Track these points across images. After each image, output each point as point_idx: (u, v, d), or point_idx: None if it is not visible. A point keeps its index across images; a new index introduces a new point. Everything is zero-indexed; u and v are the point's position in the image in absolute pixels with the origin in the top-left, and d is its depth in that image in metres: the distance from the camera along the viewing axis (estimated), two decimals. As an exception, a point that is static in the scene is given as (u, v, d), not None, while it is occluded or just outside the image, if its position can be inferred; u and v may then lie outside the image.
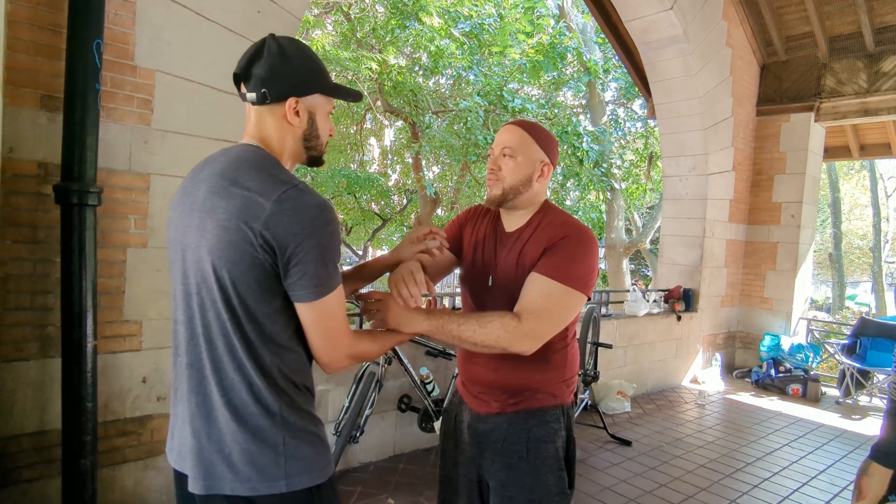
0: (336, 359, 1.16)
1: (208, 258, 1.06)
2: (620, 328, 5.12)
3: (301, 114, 1.17)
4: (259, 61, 1.13)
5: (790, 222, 6.45)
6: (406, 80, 9.12)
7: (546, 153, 1.49)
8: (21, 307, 2.16)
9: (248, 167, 1.09)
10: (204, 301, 1.09)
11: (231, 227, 1.03)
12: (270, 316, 1.08)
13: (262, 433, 1.08)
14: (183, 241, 1.12)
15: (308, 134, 1.20)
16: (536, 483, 1.42)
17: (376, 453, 3.46)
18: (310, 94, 1.17)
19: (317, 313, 1.09)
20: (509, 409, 1.46)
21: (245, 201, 1.03)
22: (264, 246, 1.02)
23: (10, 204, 2.10)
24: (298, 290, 1.06)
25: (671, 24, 5.35)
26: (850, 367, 5.54)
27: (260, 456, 1.08)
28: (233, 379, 1.08)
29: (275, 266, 1.05)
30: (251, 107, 1.16)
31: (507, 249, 1.49)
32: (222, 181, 1.08)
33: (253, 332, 1.07)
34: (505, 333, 1.31)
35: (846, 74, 6.10)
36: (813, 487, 3.48)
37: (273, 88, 1.13)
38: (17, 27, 2.09)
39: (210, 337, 1.09)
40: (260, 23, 2.78)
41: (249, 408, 1.08)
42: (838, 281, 17.82)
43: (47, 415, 2.23)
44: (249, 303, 1.06)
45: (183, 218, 1.12)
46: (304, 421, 1.13)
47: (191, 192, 1.13)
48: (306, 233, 1.03)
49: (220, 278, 1.05)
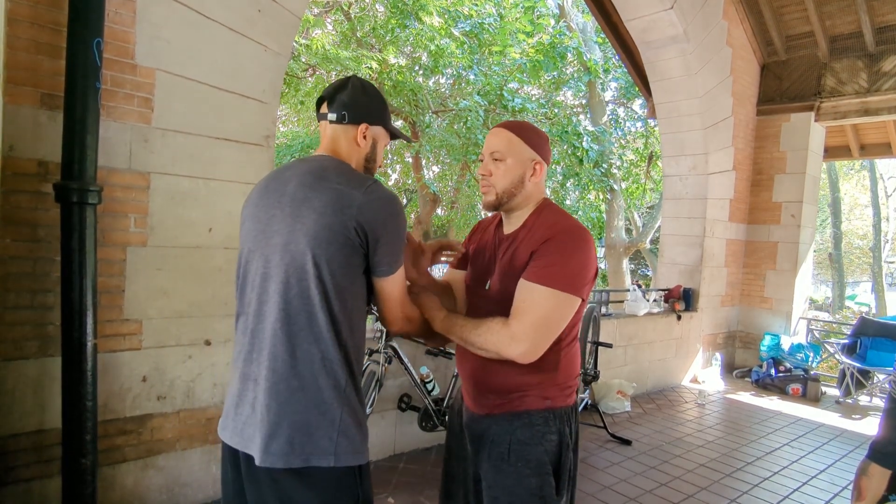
0: (398, 317, 1.37)
1: (304, 240, 1.21)
2: (620, 327, 5.12)
3: (367, 138, 1.40)
4: (344, 91, 1.38)
5: (790, 222, 6.44)
6: (406, 80, 9.11)
7: (537, 151, 1.48)
8: (21, 306, 2.16)
9: (333, 168, 1.31)
10: (289, 280, 1.22)
11: (328, 213, 1.20)
12: (353, 292, 1.25)
13: (324, 405, 1.20)
14: (267, 231, 1.28)
15: (369, 156, 1.43)
16: (518, 486, 1.40)
17: (376, 452, 3.45)
18: (377, 124, 1.42)
19: (392, 285, 1.31)
20: (496, 412, 1.46)
21: (338, 193, 1.23)
22: (357, 229, 1.21)
23: (9, 202, 2.10)
24: (383, 266, 1.27)
25: (671, 23, 5.34)
26: (850, 366, 5.54)
27: (317, 428, 1.19)
28: (307, 351, 1.20)
29: (363, 246, 1.23)
30: (328, 125, 1.39)
31: (503, 253, 1.49)
32: (312, 178, 1.27)
33: (339, 306, 1.22)
34: (493, 336, 1.36)
35: (846, 74, 6.10)
36: (813, 487, 3.47)
37: (352, 113, 1.37)
38: (17, 25, 2.09)
39: (289, 313, 1.21)
40: (260, 21, 2.78)
41: (319, 380, 1.20)
42: (838, 281, 17.82)
43: (47, 414, 2.23)
44: (339, 279, 1.21)
45: (268, 210, 1.29)
46: (358, 399, 1.26)
47: (276, 189, 1.31)
48: (389, 220, 1.25)
49: (316, 256, 1.20)
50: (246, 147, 2.77)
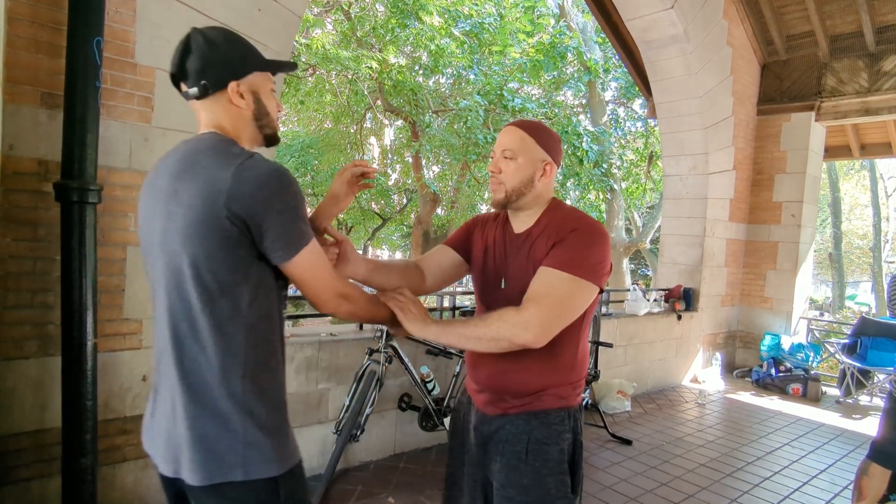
0: (327, 298, 1.20)
1: (178, 239, 1.08)
2: (621, 327, 5.12)
3: (245, 95, 1.20)
4: (190, 56, 1.16)
5: (790, 222, 6.44)
6: (406, 80, 9.12)
7: (548, 152, 1.48)
8: (21, 305, 2.15)
9: (206, 148, 1.14)
10: (170, 285, 1.11)
11: (196, 205, 1.06)
12: (245, 288, 1.10)
13: (223, 417, 1.09)
14: (151, 229, 1.15)
15: (257, 113, 1.23)
16: (535, 485, 1.40)
17: (377, 452, 3.45)
18: (246, 74, 1.20)
19: (300, 268, 1.14)
20: (512, 411, 1.45)
21: (206, 178, 1.07)
22: (231, 217, 1.05)
23: (9, 201, 2.10)
24: (276, 251, 1.11)
25: (672, 22, 5.34)
26: (850, 366, 5.54)
27: (218, 442, 1.09)
28: (195, 360, 1.10)
29: (245, 235, 1.08)
30: (197, 102, 1.19)
31: (517, 251, 1.48)
32: (184, 165, 1.12)
33: (226, 306, 1.09)
34: (504, 324, 1.30)
35: (847, 74, 6.09)
36: (813, 487, 3.47)
37: (211, 78, 1.16)
38: (17, 24, 2.08)
39: (175, 320, 1.11)
40: (260, 20, 2.78)
41: (213, 391, 1.09)
42: (838, 281, 17.82)
43: (47, 413, 2.23)
44: (224, 276, 1.08)
45: (149, 207, 1.16)
46: (267, 408, 1.14)
47: (154, 182, 1.17)
48: (271, 198, 1.08)
49: (192, 256, 1.07)
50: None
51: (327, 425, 3.19)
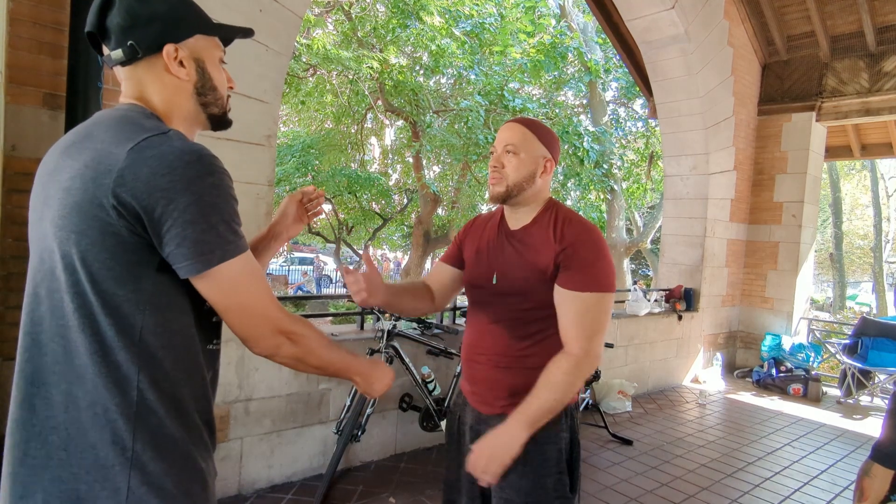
0: (260, 334, 0.90)
1: (51, 231, 0.84)
2: (621, 327, 5.12)
3: (186, 63, 0.94)
4: (112, 9, 0.90)
5: (791, 222, 6.44)
6: (407, 80, 9.12)
7: (548, 149, 1.49)
8: (22, 305, 2.15)
9: (109, 120, 0.88)
10: (37, 292, 0.86)
11: (75, 188, 0.81)
12: (139, 305, 0.83)
13: (103, 470, 0.82)
14: (31, 221, 0.91)
15: (201, 87, 0.97)
16: (534, 486, 1.41)
17: (378, 452, 3.45)
18: (188, 36, 0.95)
19: (217, 287, 0.85)
20: (509, 411, 1.44)
21: (94, 155, 0.82)
22: (118, 207, 0.79)
23: (11, 202, 2.11)
24: (182, 262, 0.83)
25: (672, 23, 5.34)
26: (851, 366, 5.54)
27: (90, 501, 0.81)
28: (67, 393, 0.82)
29: (136, 234, 0.82)
30: (122, 69, 0.93)
31: (514, 246, 1.49)
32: (75, 138, 0.88)
33: (111, 329, 0.82)
34: (572, 377, 1.36)
35: (848, 74, 6.09)
36: (814, 487, 3.47)
37: (140, 37, 0.90)
38: (19, 25, 2.09)
39: (39, 339, 0.85)
40: (262, 21, 2.78)
41: (89, 434, 0.82)
42: (839, 281, 17.81)
43: (49, 413, 2.22)
44: (106, 286, 0.82)
45: (33, 196, 0.92)
46: (166, 464, 0.85)
47: (43, 164, 0.92)
48: (178, 187, 0.80)
49: (66, 255, 0.82)
50: (248, 147, 2.77)
51: (328, 425, 3.19)
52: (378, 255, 21.79)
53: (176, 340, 0.88)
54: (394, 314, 3.33)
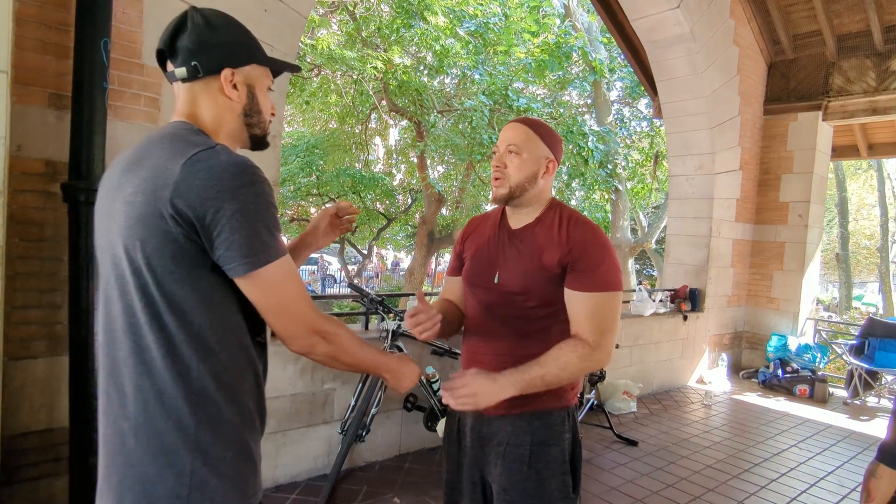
0: (297, 332, 1.00)
1: (119, 240, 0.94)
2: (626, 328, 5.10)
3: (239, 87, 1.07)
4: (184, 33, 1.03)
5: (797, 222, 6.41)
6: (411, 80, 9.11)
7: (550, 150, 1.49)
8: (29, 305, 2.17)
9: (162, 139, 0.99)
10: (110, 294, 0.97)
11: (137, 202, 0.92)
12: (199, 304, 0.94)
13: (169, 455, 0.92)
14: (98, 230, 1.02)
15: (249, 109, 1.09)
16: (538, 488, 1.40)
17: (382, 452, 3.45)
18: (244, 64, 1.08)
19: (260, 287, 0.95)
20: (513, 412, 1.44)
21: (152, 171, 0.93)
22: (175, 217, 0.89)
23: (17, 202, 2.11)
24: (229, 263, 0.92)
25: (678, 22, 5.32)
26: (858, 367, 5.50)
27: (159, 484, 0.91)
28: (137, 385, 0.93)
29: (192, 240, 0.91)
30: (181, 85, 1.05)
31: (516, 246, 1.48)
32: (134, 157, 0.99)
33: (175, 325, 0.92)
34: (586, 362, 1.37)
35: (854, 73, 6.05)
36: (821, 489, 3.45)
37: (204, 60, 1.03)
38: (25, 25, 2.09)
39: (113, 335, 0.96)
40: (266, 21, 2.78)
41: (157, 422, 0.92)
42: (845, 281, 17.71)
43: (55, 412, 2.24)
44: (169, 287, 0.92)
45: (99, 207, 1.03)
46: (224, 445, 0.96)
47: (106, 180, 1.03)
48: (224, 196, 0.90)
49: (133, 260, 0.92)
50: (252, 147, 2.78)
51: (333, 425, 3.19)
52: (375, 255, 21.80)
53: (229, 335, 0.98)
54: (398, 314, 3.33)
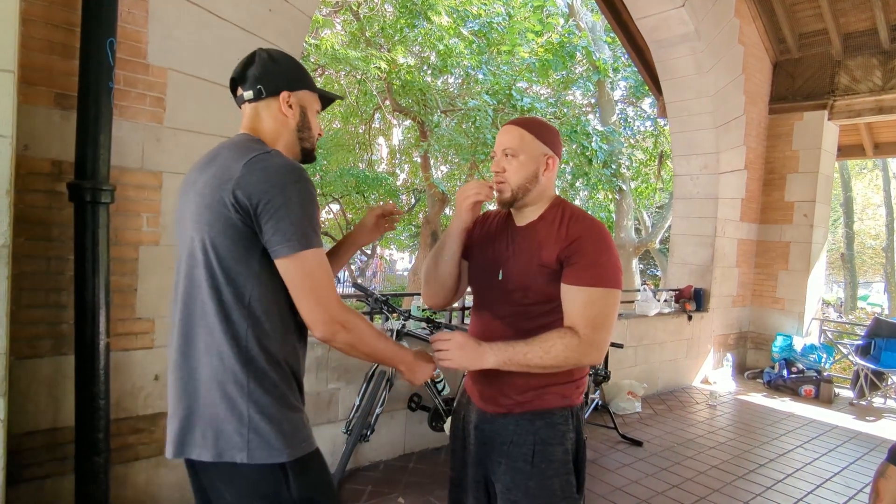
0: (321, 319, 1.16)
1: (191, 224, 1.18)
2: (631, 328, 5.09)
3: (294, 107, 1.31)
4: (252, 65, 1.30)
5: (802, 221, 6.38)
6: (415, 80, 9.11)
7: (548, 146, 1.48)
8: (35, 304, 2.17)
9: (230, 145, 1.23)
10: (186, 270, 1.20)
11: (207, 193, 1.15)
12: (249, 279, 1.15)
13: (231, 401, 1.15)
14: (180, 221, 1.27)
15: (301, 125, 1.34)
16: (541, 488, 1.40)
17: (386, 452, 3.45)
18: (299, 89, 1.33)
19: (297, 269, 1.14)
20: (516, 410, 1.44)
21: (219, 168, 1.17)
22: (236, 205, 1.11)
23: (24, 201, 2.12)
24: (275, 245, 1.13)
25: (682, 21, 5.30)
26: (864, 368, 5.48)
27: (226, 422, 1.14)
28: (206, 342, 1.16)
29: (247, 225, 1.13)
30: (247, 105, 1.31)
31: (520, 243, 1.48)
32: (207, 159, 1.24)
33: (231, 295, 1.14)
34: (571, 352, 1.34)
35: (861, 72, 6.02)
36: (827, 490, 3.43)
37: (267, 84, 1.29)
38: (31, 25, 2.10)
39: (188, 304, 1.19)
40: (271, 21, 2.78)
41: (219, 374, 1.15)
42: (850, 281, 17.63)
43: (61, 412, 2.24)
44: (228, 263, 1.14)
45: (180, 201, 1.29)
46: (272, 396, 1.17)
47: (186, 177, 1.29)
48: (276, 189, 1.12)
49: (202, 241, 1.15)
50: (257, 146, 2.78)
51: (337, 425, 3.19)
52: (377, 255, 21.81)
53: (273, 308, 1.18)
54: (402, 314, 3.33)
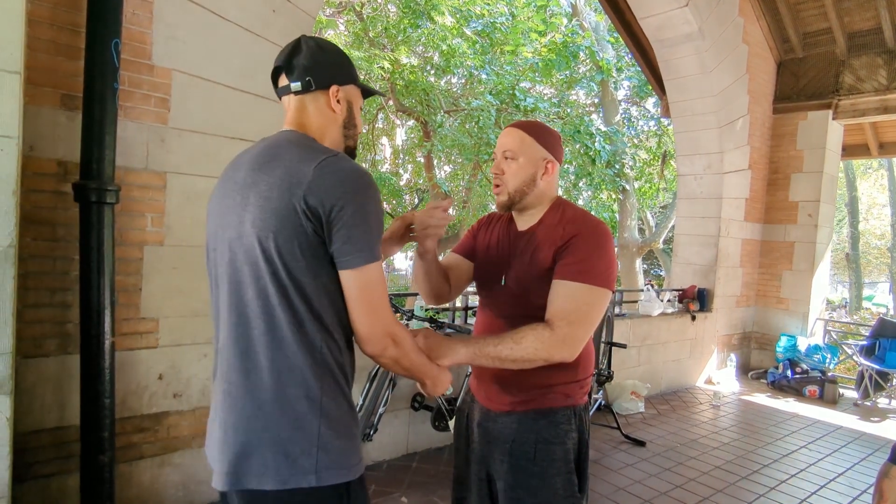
0: (377, 333, 1.10)
1: (252, 231, 1.05)
2: (634, 328, 5.08)
3: (342, 102, 1.22)
4: (299, 54, 1.18)
5: (807, 221, 6.36)
6: (418, 80, 9.11)
7: (549, 150, 1.48)
8: (41, 304, 2.18)
9: (288, 144, 1.13)
10: (243, 280, 1.08)
11: (274, 197, 1.04)
12: (317, 290, 1.06)
13: (299, 420, 1.05)
14: (223, 224, 1.13)
15: (347, 122, 1.25)
16: (543, 486, 1.40)
17: (390, 451, 3.46)
18: (348, 84, 1.23)
19: (362, 282, 1.07)
20: (519, 409, 1.44)
21: (286, 171, 1.06)
22: (307, 212, 1.02)
23: (30, 202, 2.13)
24: (344, 256, 1.05)
25: (686, 20, 5.29)
26: (868, 368, 5.45)
27: (292, 444, 1.05)
28: (271, 359, 1.06)
29: (318, 234, 1.04)
30: (292, 97, 1.20)
31: (521, 249, 1.48)
32: (263, 158, 1.11)
33: (302, 307, 1.05)
34: (541, 345, 1.30)
35: (865, 71, 5.99)
36: (831, 490, 3.42)
37: (317, 76, 1.18)
38: (37, 27, 2.11)
39: (247, 316, 1.07)
40: (275, 21, 2.79)
41: (288, 391, 1.05)
42: (855, 281, 17.56)
43: (66, 411, 2.25)
44: (297, 274, 1.04)
45: (223, 201, 1.15)
46: (341, 410, 1.10)
47: (231, 177, 1.16)
48: (348, 196, 1.04)
49: (266, 249, 1.04)
50: (261, 147, 2.79)
51: (340, 424, 3.20)
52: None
53: (338, 319, 1.10)
54: (406, 314, 3.33)
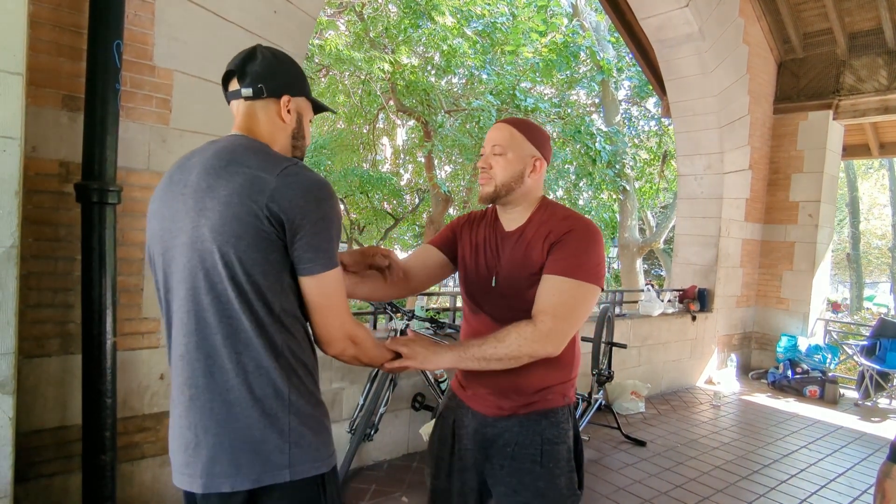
0: (336, 336, 1.15)
1: (210, 236, 1.05)
2: (634, 328, 5.08)
3: (292, 112, 1.24)
4: (254, 61, 1.20)
5: (807, 222, 6.36)
6: (418, 80, 9.11)
7: (537, 148, 1.48)
8: (43, 304, 2.19)
9: (244, 150, 1.13)
10: (199, 285, 1.08)
11: (234, 202, 1.04)
12: (279, 293, 1.08)
13: (269, 417, 1.08)
14: (174, 228, 1.12)
15: (296, 133, 1.27)
16: (550, 487, 1.40)
17: (390, 451, 3.46)
18: (298, 95, 1.26)
19: (322, 288, 1.11)
20: (521, 412, 1.44)
21: (248, 178, 1.06)
22: (270, 218, 1.04)
23: (32, 202, 2.14)
24: (305, 263, 1.08)
25: (686, 21, 5.30)
26: (869, 368, 5.46)
27: (263, 443, 1.07)
28: (238, 363, 1.07)
29: (281, 238, 1.06)
30: (241, 102, 1.22)
31: (510, 249, 1.47)
32: (218, 162, 1.11)
33: (263, 310, 1.07)
34: (524, 340, 1.30)
35: (866, 71, 5.99)
36: (832, 490, 3.43)
37: (269, 84, 1.20)
38: (39, 28, 2.12)
39: (206, 321, 1.08)
40: (276, 22, 2.80)
41: (256, 391, 1.07)
42: (856, 281, 17.55)
43: (68, 410, 2.26)
44: (257, 278, 1.06)
45: (171, 205, 1.13)
46: (310, 405, 1.14)
47: (179, 180, 1.14)
48: (311, 206, 1.07)
49: (225, 254, 1.05)
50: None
51: (342, 424, 3.21)
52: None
53: (296, 321, 1.13)
54: (406, 314, 3.34)
